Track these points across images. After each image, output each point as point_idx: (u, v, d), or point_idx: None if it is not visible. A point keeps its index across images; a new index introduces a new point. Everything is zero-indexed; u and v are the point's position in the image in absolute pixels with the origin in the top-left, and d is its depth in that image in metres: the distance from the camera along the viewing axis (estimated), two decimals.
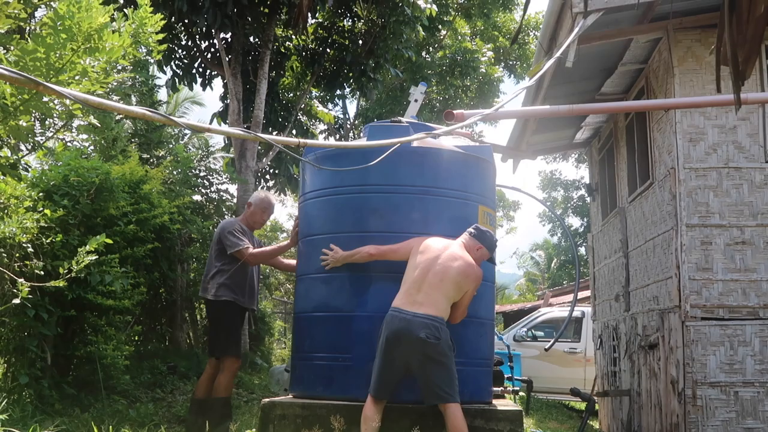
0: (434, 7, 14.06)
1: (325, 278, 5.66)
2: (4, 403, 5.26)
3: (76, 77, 4.84)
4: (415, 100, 7.11)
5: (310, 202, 5.98)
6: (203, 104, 31.71)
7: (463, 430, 4.83)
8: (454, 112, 5.49)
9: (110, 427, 5.67)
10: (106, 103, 2.56)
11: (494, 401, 5.77)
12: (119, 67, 5.41)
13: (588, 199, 13.47)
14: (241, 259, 6.28)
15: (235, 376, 6.57)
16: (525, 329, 14.07)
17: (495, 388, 5.99)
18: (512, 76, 23.80)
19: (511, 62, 23.61)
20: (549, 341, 10.21)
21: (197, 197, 11.83)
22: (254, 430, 5.88)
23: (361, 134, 6.53)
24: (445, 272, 5.04)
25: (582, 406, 11.38)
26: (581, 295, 14.97)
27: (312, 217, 5.95)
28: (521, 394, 9.25)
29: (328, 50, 14.35)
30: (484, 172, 6.04)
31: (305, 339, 5.79)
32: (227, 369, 6.31)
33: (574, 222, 33.71)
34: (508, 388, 6.72)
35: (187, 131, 14.28)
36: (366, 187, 5.65)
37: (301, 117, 16.24)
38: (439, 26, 17.67)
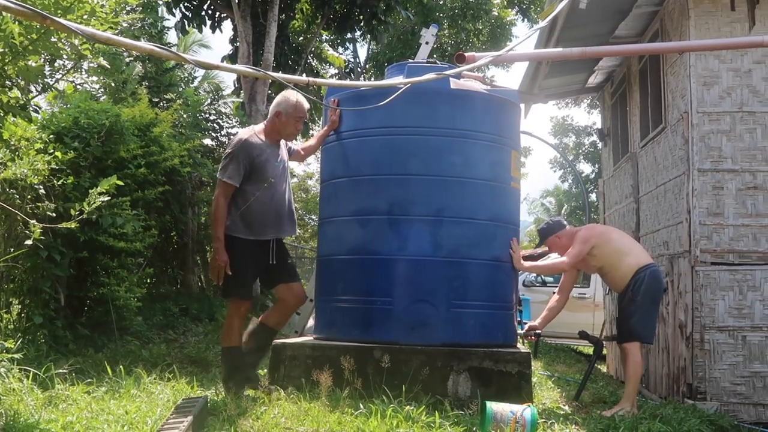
0: None
1: (361, 221, 5.61)
2: (19, 342, 5.32)
3: (84, 17, 4.79)
4: (426, 43, 7.02)
5: (338, 143, 5.85)
6: (212, 48, 31.46)
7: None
8: (465, 54, 5.41)
9: (123, 367, 5.75)
10: (113, 38, 2.54)
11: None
12: (128, 8, 5.35)
13: (599, 145, 13.37)
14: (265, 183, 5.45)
15: (241, 319, 5.58)
16: (534, 274, 14.05)
17: None
18: (526, 19, 23.41)
19: (524, 5, 23.22)
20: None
21: (207, 141, 11.82)
22: (265, 370, 5.94)
23: (386, 75, 6.42)
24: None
25: (590, 350, 11.46)
26: None
27: (342, 158, 5.84)
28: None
29: None
30: (514, 117, 6.02)
31: (337, 282, 5.74)
32: (228, 314, 5.66)
33: (585, 168, 33.44)
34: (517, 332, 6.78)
35: (197, 75, 14.20)
36: (405, 129, 5.55)
37: (311, 60, 16.10)
38: None
